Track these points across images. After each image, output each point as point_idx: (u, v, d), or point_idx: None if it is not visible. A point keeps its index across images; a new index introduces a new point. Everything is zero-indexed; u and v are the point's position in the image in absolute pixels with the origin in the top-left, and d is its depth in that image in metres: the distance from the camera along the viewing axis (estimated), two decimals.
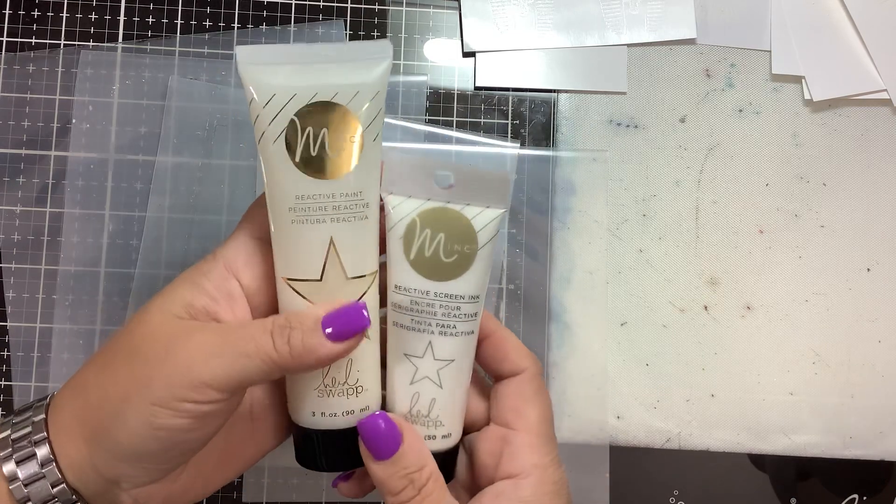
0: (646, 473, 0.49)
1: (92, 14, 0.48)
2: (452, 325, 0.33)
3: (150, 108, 0.48)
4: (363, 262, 0.32)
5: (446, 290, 0.33)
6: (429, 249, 0.33)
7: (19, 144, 0.47)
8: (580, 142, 0.50)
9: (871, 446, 0.49)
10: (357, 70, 0.31)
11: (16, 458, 0.30)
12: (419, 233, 0.33)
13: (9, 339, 0.46)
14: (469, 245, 0.33)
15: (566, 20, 0.50)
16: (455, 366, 0.34)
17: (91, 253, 0.47)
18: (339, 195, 0.31)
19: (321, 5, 0.49)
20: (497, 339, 0.36)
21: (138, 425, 0.29)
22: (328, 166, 0.31)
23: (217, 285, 0.32)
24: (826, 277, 0.50)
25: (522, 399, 0.35)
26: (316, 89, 0.31)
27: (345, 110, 0.31)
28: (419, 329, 0.33)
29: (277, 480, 0.47)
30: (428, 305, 0.33)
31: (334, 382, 0.33)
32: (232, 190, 0.47)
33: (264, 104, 0.31)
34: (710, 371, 0.49)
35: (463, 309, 0.33)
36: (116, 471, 0.30)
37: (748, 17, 0.51)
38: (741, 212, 0.50)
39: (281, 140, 0.31)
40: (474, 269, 0.33)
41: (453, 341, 0.34)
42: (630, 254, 0.49)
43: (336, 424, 0.33)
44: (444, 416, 0.34)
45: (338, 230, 0.31)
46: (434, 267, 0.33)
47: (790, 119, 0.51)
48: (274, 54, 0.32)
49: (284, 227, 0.32)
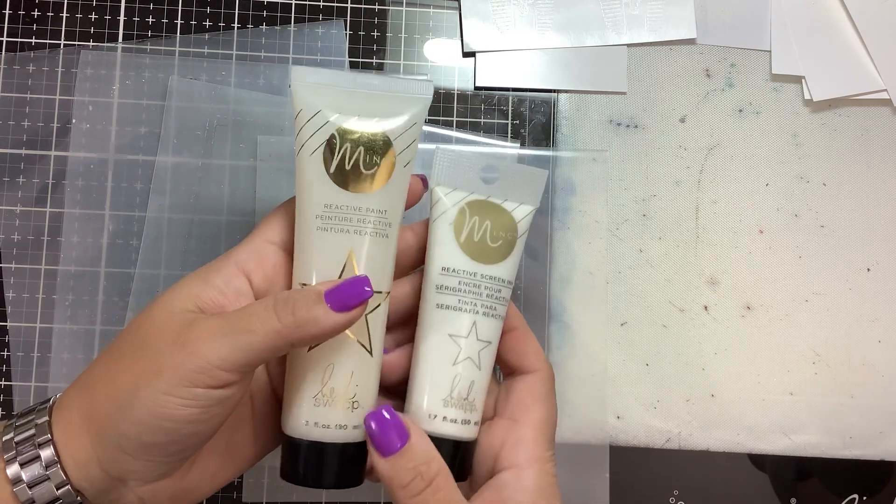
0: (646, 473, 0.49)
1: (92, 14, 0.48)
2: (494, 306, 0.36)
3: (150, 108, 0.48)
4: (378, 278, 0.34)
5: (491, 272, 0.36)
6: (477, 235, 0.36)
7: (19, 144, 0.47)
8: (580, 142, 0.50)
9: (871, 446, 0.49)
10: (399, 101, 0.34)
11: (20, 461, 0.30)
12: (469, 219, 0.36)
13: (9, 339, 0.46)
14: (511, 233, 0.36)
15: (566, 20, 0.50)
16: (491, 349, 0.36)
17: (91, 253, 0.47)
18: (366, 209, 0.33)
19: (321, 5, 0.49)
20: (522, 333, 0.37)
21: (145, 416, 0.30)
22: (359, 181, 0.33)
23: (226, 281, 0.33)
24: (826, 277, 0.50)
25: (533, 397, 0.36)
26: (359, 111, 0.34)
27: (383, 134, 0.34)
28: (465, 309, 0.35)
29: (277, 480, 0.47)
30: (475, 286, 0.36)
31: (332, 393, 0.33)
32: (232, 190, 0.47)
33: (308, 118, 0.34)
34: (710, 371, 0.49)
35: (503, 293, 0.36)
36: (122, 466, 0.31)
37: (748, 17, 0.51)
38: (741, 212, 0.50)
39: (319, 152, 0.33)
40: (513, 256, 0.37)
41: (494, 323, 0.36)
42: (630, 254, 0.49)
43: (327, 437, 0.33)
44: (478, 400, 0.35)
45: (358, 242, 0.33)
46: (482, 250, 0.36)
47: (790, 119, 0.51)
48: (324, 77, 0.34)
49: (309, 233, 0.33)
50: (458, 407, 0.35)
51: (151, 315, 0.32)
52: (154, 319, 0.31)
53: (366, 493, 0.47)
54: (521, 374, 0.37)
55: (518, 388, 0.36)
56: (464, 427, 0.35)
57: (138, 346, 0.31)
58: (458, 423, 0.35)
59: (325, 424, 0.33)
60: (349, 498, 0.47)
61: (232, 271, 0.33)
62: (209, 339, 0.30)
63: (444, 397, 0.35)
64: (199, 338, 0.30)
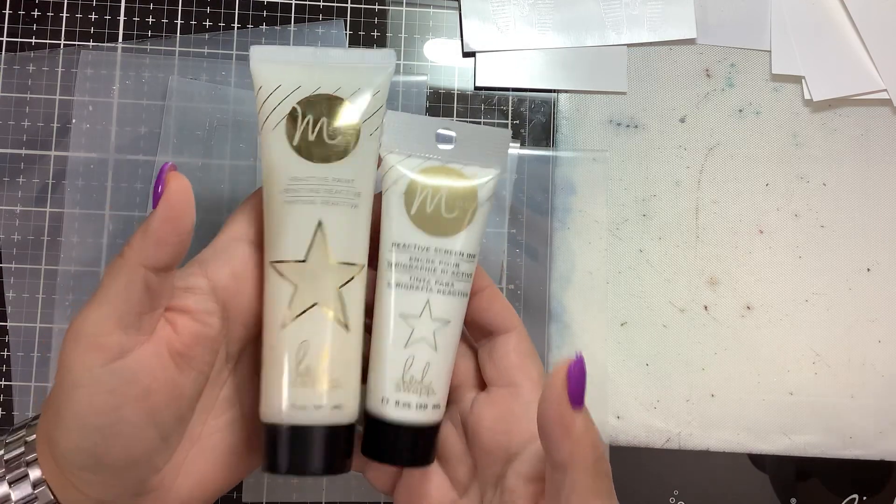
0: (646, 473, 0.49)
1: (92, 14, 0.48)
2: (450, 283, 0.33)
3: (150, 108, 0.48)
4: (350, 249, 0.33)
5: (446, 246, 0.33)
6: (430, 206, 0.34)
7: (19, 144, 0.47)
8: (580, 142, 0.50)
9: (871, 446, 0.49)
10: (361, 71, 0.34)
11: (9, 479, 0.30)
12: (420, 190, 0.34)
13: (9, 339, 0.46)
14: (469, 202, 0.34)
15: (566, 20, 0.50)
16: (450, 328, 0.34)
17: (91, 253, 0.47)
18: (332, 179, 0.33)
19: (321, 5, 0.49)
20: (490, 293, 0.35)
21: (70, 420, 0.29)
22: (324, 151, 0.33)
23: (183, 279, 0.32)
24: (826, 277, 0.50)
25: (521, 354, 0.34)
26: (320, 83, 0.33)
27: (346, 103, 0.33)
28: (418, 287, 0.33)
29: (277, 480, 0.47)
30: (428, 262, 0.33)
31: (308, 372, 0.31)
32: (232, 190, 0.47)
33: (269, 94, 0.33)
34: (710, 371, 0.49)
35: (461, 267, 0.34)
36: (93, 487, 0.30)
37: (748, 17, 0.51)
38: (741, 212, 0.50)
39: (281, 126, 0.33)
40: (472, 227, 0.34)
41: (451, 301, 0.33)
42: (630, 254, 0.49)
43: (306, 419, 0.31)
44: (436, 383, 0.33)
45: (327, 213, 0.32)
46: (435, 222, 0.33)
47: (790, 119, 0.51)
48: (285, 53, 0.34)
49: (276, 209, 0.33)
50: (412, 391, 0.33)
51: None
52: None
53: (366, 493, 0.47)
54: (498, 334, 0.35)
55: (505, 350, 0.34)
56: (420, 412, 0.33)
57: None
58: (411, 407, 0.33)
59: (301, 406, 0.31)
60: (349, 498, 0.47)
61: (192, 271, 0.32)
62: (82, 317, 0.29)
63: (397, 381, 0.33)
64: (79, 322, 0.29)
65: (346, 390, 0.32)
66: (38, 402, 0.46)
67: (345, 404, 0.32)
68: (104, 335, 0.29)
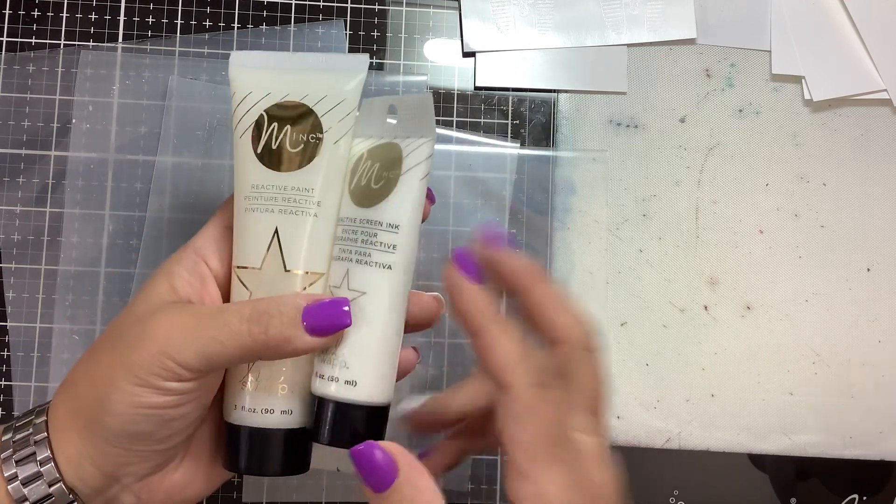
0: (646, 473, 0.49)
1: (92, 14, 0.48)
2: (368, 252, 0.33)
3: (150, 108, 0.48)
4: (307, 258, 0.33)
5: (367, 216, 0.33)
6: (364, 179, 0.34)
7: (19, 144, 0.47)
8: (580, 142, 0.50)
9: (871, 446, 0.49)
10: (331, 78, 0.34)
11: (16, 459, 0.30)
12: (362, 165, 0.34)
13: (9, 339, 0.46)
14: (394, 171, 0.33)
15: (566, 20, 0.50)
16: (368, 300, 0.32)
17: (91, 253, 0.47)
18: (290, 188, 0.33)
19: (321, 5, 0.49)
20: (540, 294, 0.31)
21: (124, 407, 0.30)
22: (284, 160, 0.33)
23: (190, 270, 0.33)
24: (826, 277, 0.50)
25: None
26: (288, 90, 0.33)
27: (310, 111, 0.33)
28: (341, 258, 0.33)
29: (277, 480, 0.47)
30: (352, 232, 0.33)
31: (258, 376, 0.33)
32: (232, 190, 0.47)
33: (240, 100, 0.34)
34: (710, 371, 0.49)
35: (379, 237, 0.33)
36: (114, 460, 0.31)
37: (748, 17, 0.51)
38: (741, 212, 0.50)
39: (248, 133, 0.33)
40: (395, 195, 0.33)
41: (367, 271, 0.32)
42: (630, 254, 0.49)
43: (255, 422, 0.32)
44: (351, 357, 0.32)
45: (283, 222, 0.33)
46: (363, 194, 0.33)
47: (790, 119, 0.51)
48: (263, 59, 0.34)
49: (240, 215, 0.33)
50: (327, 362, 0.32)
51: (131, 311, 0.32)
52: (128, 315, 0.32)
53: None
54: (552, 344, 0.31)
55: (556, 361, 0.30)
56: (329, 383, 0.32)
57: (115, 340, 0.31)
58: (325, 379, 0.32)
59: (251, 408, 0.32)
60: (349, 498, 0.47)
61: (192, 258, 0.33)
62: (179, 338, 0.30)
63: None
64: (167, 336, 0.30)
65: (295, 393, 0.33)
66: (38, 401, 0.46)
67: (295, 409, 0.33)
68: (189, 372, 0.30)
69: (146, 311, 0.31)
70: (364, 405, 0.32)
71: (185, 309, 0.31)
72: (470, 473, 0.48)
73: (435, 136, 0.33)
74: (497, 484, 0.48)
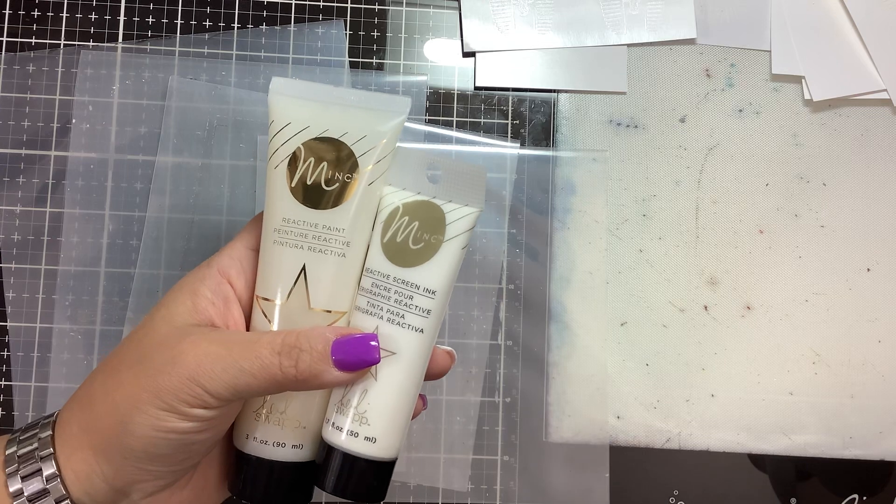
0: (646, 473, 0.49)
1: (92, 14, 0.48)
2: (402, 314, 0.33)
3: (150, 108, 0.48)
4: (331, 297, 0.33)
5: (404, 276, 0.33)
6: (401, 235, 0.33)
7: (19, 144, 0.47)
8: (580, 142, 0.50)
9: (871, 446, 0.49)
10: (372, 118, 0.33)
11: (21, 475, 0.30)
12: (398, 219, 0.34)
13: (9, 339, 0.46)
14: (436, 235, 0.33)
15: (566, 20, 0.50)
16: (396, 361, 0.33)
17: (91, 253, 0.47)
18: (322, 226, 0.33)
19: (321, 5, 0.49)
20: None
21: (148, 430, 0.30)
22: (317, 197, 0.33)
23: (214, 290, 0.33)
24: (826, 277, 0.50)
25: None
26: (328, 126, 0.33)
27: (348, 150, 0.33)
28: (371, 312, 0.33)
29: None
30: (385, 289, 0.33)
31: (272, 409, 0.33)
32: (232, 190, 0.47)
33: (279, 129, 0.33)
34: (710, 371, 0.49)
35: (416, 300, 0.33)
36: (128, 477, 0.31)
37: (748, 17, 0.51)
38: (741, 212, 0.50)
39: (284, 164, 0.33)
40: (436, 261, 0.33)
41: (399, 332, 0.33)
42: (630, 254, 0.49)
43: (264, 453, 0.33)
44: (373, 414, 0.32)
45: (312, 259, 0.33)
46: (400, 251, 0.33)
47: (790, 119, 0.51)
48: (304, 89, 0.34)
49: (268, 245, 0.33)
50: (345, 415, 0.33)
51: (153, 329, 0.32)
52: (155, 334, 0.32)
53: None
54: None
55: None
56: (350, 439, 0.32)
57: (138, 360, 0.31)
58: (343, 431, 0.32)
59: (263, 440, 0.33)
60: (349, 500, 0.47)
61: (216, 279, 0.33)
62: (209, 367, 0.30)
63: (336, 402, 0.33)
64: (198, 364, 0.30)
65: (309, 431, 0.33)
66: (38, 401, 0.46)
67: (306, 444, 0.34)
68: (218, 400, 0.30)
69: (171, 333, 0.31)
70: (380, 461, 0.33)
71: (215, 336, 0.31)
72: (470, 473, 0.48)
73: (483, 209, 0.34)
74: (497, 484, 0.48)
